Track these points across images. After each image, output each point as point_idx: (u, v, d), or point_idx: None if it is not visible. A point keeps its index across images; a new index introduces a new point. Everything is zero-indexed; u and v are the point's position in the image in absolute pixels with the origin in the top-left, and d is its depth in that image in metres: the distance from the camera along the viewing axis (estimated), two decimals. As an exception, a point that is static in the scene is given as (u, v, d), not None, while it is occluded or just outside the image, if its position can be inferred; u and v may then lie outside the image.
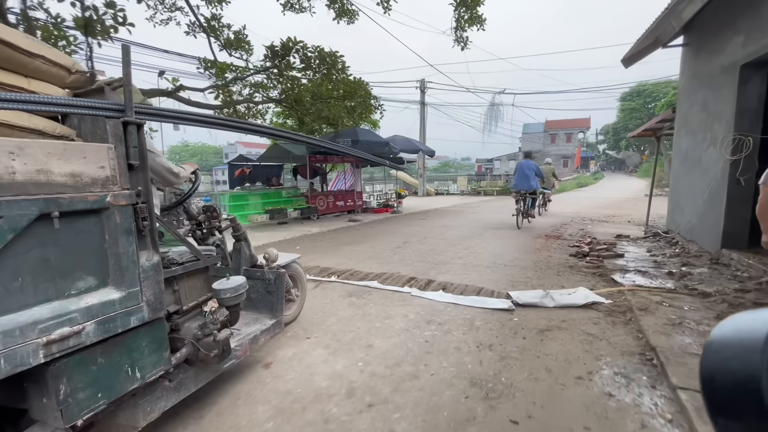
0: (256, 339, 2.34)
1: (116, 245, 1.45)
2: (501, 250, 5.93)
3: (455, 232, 7.76)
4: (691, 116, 5.58)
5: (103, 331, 1.40)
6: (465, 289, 3.97)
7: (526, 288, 4.01)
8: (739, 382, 0.36)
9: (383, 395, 2.17)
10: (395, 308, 3.49)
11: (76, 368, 1.35)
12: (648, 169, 39.28)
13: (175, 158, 52.05)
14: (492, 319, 3.23)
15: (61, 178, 1.30)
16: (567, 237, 7.13)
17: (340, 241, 7.10)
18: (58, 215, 1.27)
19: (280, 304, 2.58)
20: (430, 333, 2.96)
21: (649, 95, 35.71)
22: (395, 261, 5.34)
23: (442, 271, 4.77)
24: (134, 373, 1.55)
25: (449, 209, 13.24)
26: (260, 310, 2.63)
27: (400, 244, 6.56)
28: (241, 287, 2.04)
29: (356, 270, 4.82)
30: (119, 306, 1.45)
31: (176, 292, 1.86)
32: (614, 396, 2.12)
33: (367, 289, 4.07)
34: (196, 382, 1.95)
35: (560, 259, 5.30)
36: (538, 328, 3.01)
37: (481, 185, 21.51)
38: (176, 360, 1.77)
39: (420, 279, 4.35)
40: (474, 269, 4.82)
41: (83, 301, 1.35)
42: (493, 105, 23.73)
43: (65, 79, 1.62)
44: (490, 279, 4.37)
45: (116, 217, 1.44)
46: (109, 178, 1.44)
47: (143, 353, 1.58)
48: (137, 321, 1.52)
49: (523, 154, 9.90)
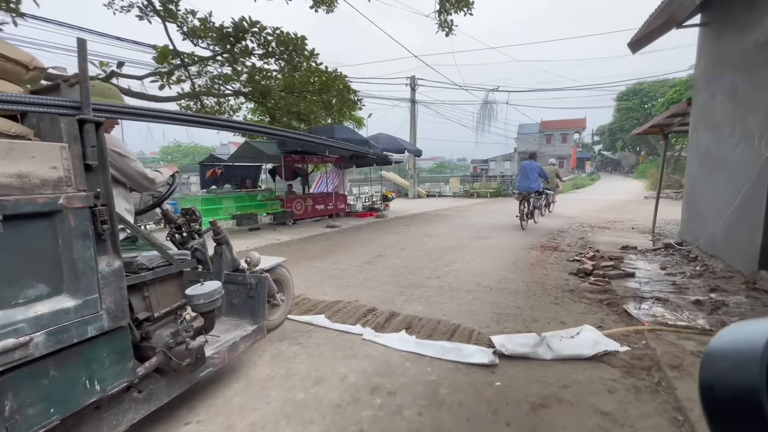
0: (236, 346, 2.26)
1: (71, 250, 1.36)
2: (488, 267, 5.00)
3: (438, 242, 6.82)
4: (713, 107, 4.69)
5: (56, 342, 1.30)
6: (435, 327, 3.03)
7: (516, 324, 3.08)
8: (739, 392, 0.36)
9: None
10: (335, 363, 2.53)
11: (24, 382, 1.24)
12: (644, 170, 38.69)
13: (167, 159, 50.76)
14: (465, 382, 2.28)
15: (5, 179, 1.22)
16: (565, 248, 6.22)
17: (304, 254, 6.14)
18: (2, 219, 1.17)
19: (262, 309, 2.50)
20: (370, 413, 2.01)
21: (646, 94, 35.08)
22: (358, 282, 4.39)
23: (412, 297, 3.83)
24: (93, 386, 1.44)
25: (437, 213, 12.32)
26: (242, 315, 2.55)
27: (372, 258, 5.62)
28: (216, 293, 1.93)
29: (305, 297, 3.87)
30: (74, 315, 1.35)
31: (146, 298, 1.80)
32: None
33: (308, 328, 3.11)
34: (169, 393, 1.86)
35: (558, 279, 4.38)
36: (529, 403, 2.07)
37: (474, 187, 20.60)
38: (145, 370, 1.68)
39: (381, 311, 3.40)
40: (452, 295, 3.88)
41: (32, 311, 1.25)
42: (486, 103, 22.89)
43: (23, 76, 1.55)
44: (469, 311, 3.43)
45: (71, 220, 1.35)
46: (63, 179, 1.35)
47: (103, 364, 1.48)
48: (96, 330, 1.43)
49: (528, 154, 9.64)
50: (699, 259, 4.75)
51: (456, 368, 2.44)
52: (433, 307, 3.52)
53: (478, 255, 5.74)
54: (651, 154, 42.22)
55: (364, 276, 4.65)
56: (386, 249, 6.30)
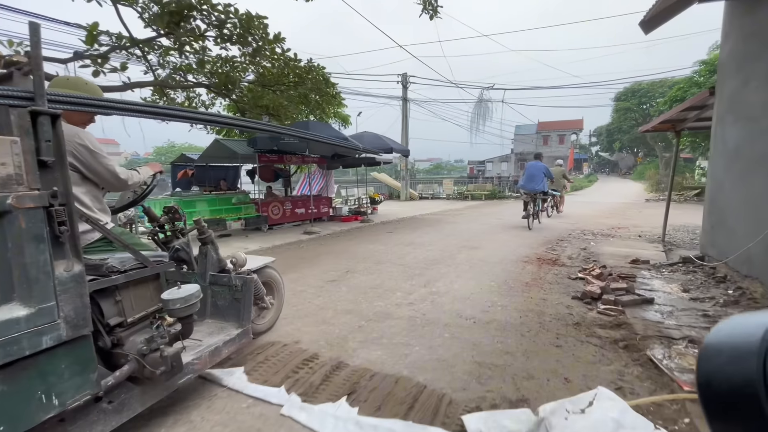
0: (218, 351, 2.13)
1: (22, 254, 1.25)
2: (474, 288, 4.14)
3: (421, 254, 5.96)
4: (747, 95, 3.86)
5: (5, 355, 1.19)
6: (390, 391, 2.16)
7: (503, 384, 2.23)
8: (736, 386, 0.36)
9: None
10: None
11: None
12: (643, 172, 38.03)
13: (161, 159, 49.59)
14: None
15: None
16: (566, 261, 5.37)
17: (263, 268, 5.26)
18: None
19: (248, 312, 2.37)
20: None
21: (645, 95, 34.41)
22: (310, 312, 3.51)
23: (370, 336, 2.96)
24: (50, 401, 1.32)
25: (426, 218, 11.46)
26: (227, 318, 2.43)
27: (339, 276, 4.74)
28: (193, 297, 1.80)
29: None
30: (26, 325, 1.24)
31: (119, 302, 1.71)
32: None
33: (214, 390, 2.24)
34: (143, 402, 1.74)
35: (559, 307, 3.53)
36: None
37: (468, 189, 19.77)
38: (115, 379, 1.57)
39: (322, 361, 2.53)
40: (424, 332, 3.02)
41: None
42: (481, 101, 22.08)
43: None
44: (443, 359, 2.57)
45: (21, 221, 1.25)
46: (13, 177, 1.24)
47: (62, 377, 1.36)
48: (52, 341, 1.31)
49: (533, 155, 9.75)
50: (729, 279, 3.91)
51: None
52: (396, 353, 2.66)
53: (464, 271, 4.88)
54: (649, 156, 41.60)
55: (320, 302, 3.78)
56: (359, 263, 5.43)
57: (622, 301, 3.51)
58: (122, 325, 1.71)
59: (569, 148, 47.89)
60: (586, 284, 4.22)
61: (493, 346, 2.76)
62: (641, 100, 34.78)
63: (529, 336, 2.92)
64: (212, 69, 7.18)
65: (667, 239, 6.94)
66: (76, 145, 1.78)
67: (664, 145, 33.12)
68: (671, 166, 6.65)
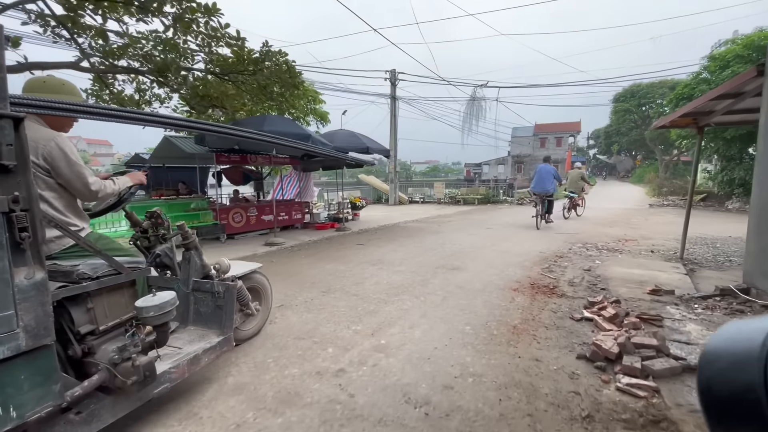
0: (197, 359, 2.08)
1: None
2: (439, 338, 2.97)
3: (386, 277, 4.79)
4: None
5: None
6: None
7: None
8: (737, 391, 0.36)
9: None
10: None
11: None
12: (642, 175, 37.01)
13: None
14: None
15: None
16: (566, 289, 4.22)
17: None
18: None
19: (229, 319, 2.34)
20: None
21: (644, 96, 33.44)
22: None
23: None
24: (7, 413, 1.27)
25: (409, 225, 10.30)
26: (209, 325, 2.39)
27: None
28: (168, 304, 1.75)
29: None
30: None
31: (90, 310, 1.67)
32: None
33: None
34: (114, 413, 1.68)
35: (559, 377, 2.37)
36: None
37: (461, 192, 18.62)
38: (83, 390, 1.52)
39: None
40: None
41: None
42: (473, 99, 20.97)
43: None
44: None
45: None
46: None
47: (21, 388, 1.30)
48: (10, 351, 1.25)
49: (543, 158, 10.14)
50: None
51: None
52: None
53: (434, 305, 3.71)
54: (648, 158, 40.68)
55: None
56: (302, 292, 4.24)
57: (654, 370, 2.35)
58: (94, 333, 1.67)
59: (566, 150, 46.95)
60: (596, 331, 3.06)
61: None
62: (641, 101, 33.82)
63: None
64: (145, 53, 6.02)
65: (686, 255, 5.82)
66: (50, 149, 1.74)
67: (663, 148, 32.18)
68: (693, 169, 5.52)
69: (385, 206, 17.44)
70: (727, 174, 13.77)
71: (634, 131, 36.30)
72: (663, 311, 3.46)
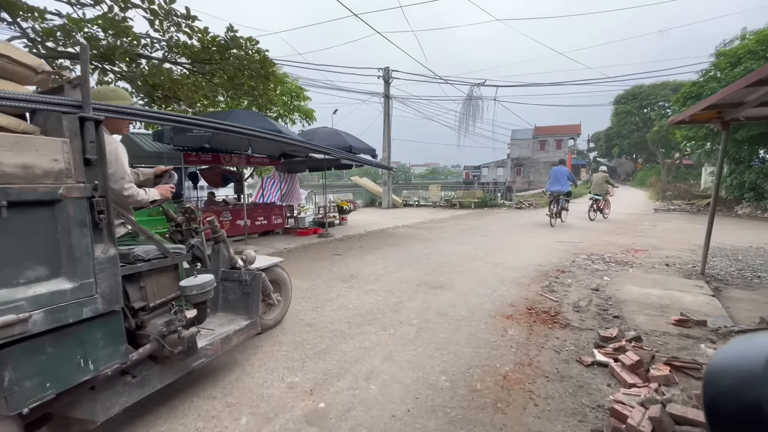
0: (229, 339, 2.34)
1: (69, 237, 1.44)
2: (401, 398, 2.19)
3: (354, 299, 4.00)
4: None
5: (53, 321, 1.38)
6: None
7: None
8: (742, 407, 0.36)
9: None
10: None
11: (22, 356, 1.33)
12: (643, 178, 36.21)
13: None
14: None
15: (10, 169, 1.30)
16: (571, 315, 3.44)
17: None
18: (6, 205, 1.27)
19: (256, 305, 2.60)
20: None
21: (646, 98, 32.75)
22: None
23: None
24: (87, 365, 1.50)
25: (399, 231, 9.52)
26: (237, 311, 2.65)
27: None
28: (208, 285, 2.00)
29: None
30: (71, 296, 1.43)
31: (142, 288, 1.87)
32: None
33: None
34: (161, 380, 1.93)
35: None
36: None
37: (457, 196, 17.84)
38: (138, 356, 1.75)
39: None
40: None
41: (31, 290, 1.34)
42: (470, 98, 20.23)
43: (32, 79, 1.69)
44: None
45: (69, 209, 1.44)
46: (63, 171, 1.44)
47: (97, 345, 1.54)
48: (90, 312, 1.50)
49: (558, 161, 11.44)
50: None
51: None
52: None
53: (404, 343, 2.92)
54: (649, 161, 39.95)
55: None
56: (249, 317, 3.46)
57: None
58: (145, 308, 1.87)
59: (567, 153, 46.23)
60: (614, 385, 2.28)
61: None
62: (642, 103, 33.13)
63: None
64: (89, 36, 5.26)
65: (708, 270, 5.05)
66: (108, 151, 1.80)
67: (665, 151, 31.43)
68: (717, 169, 4.76)
69: (378, 210, 16.66)
70: (736, 177, 13.02)
71: (635, 134, 35.59)
72: (698, 352, 2.68)
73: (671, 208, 15.28)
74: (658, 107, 32.18)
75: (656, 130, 25.59)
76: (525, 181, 45.30)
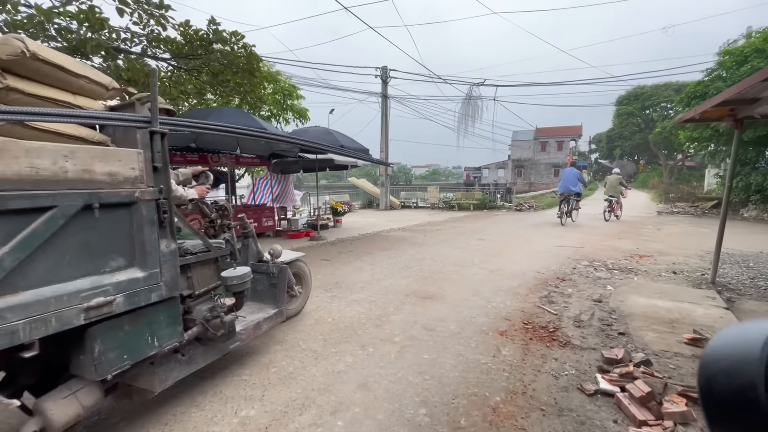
0: (260, 325, 2.57)
1: (142, 233, 1.68)
2: (376, 429, 1.87)
3: (334, 311, 3.67)
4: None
5: (130, 303, 1.63)
6: None
7: None
8: (737, 391, 0.36)
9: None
10: None
11: (107, 332, 1.58)
12: (645, 180, 35.78)
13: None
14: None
15: (101, 176, 1.54)
16: (571, 332, 3.11)
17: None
18: (98, 206, 1.51)
19: (282, 295, 2.84)
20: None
21: (648, 98, 32.36)
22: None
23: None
24: (153, 341, 1.76)
25: (393, 234, 9.19)
26: (264, 301, 2.90)
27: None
28: (247, 276, 2.30)
29: None
30: (143, 283, 1.68)
31: (190, 278, 2.08)
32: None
33: None
34: (205, 359, 2.18)
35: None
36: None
37: (455, 197, 17.50)
38: (188, 336, 1.98)
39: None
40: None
41: (115, 278, 1.58)
42: (470, 98, 19.88)
43: (103, 95, 1.93)
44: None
45: (142, 209, 1.68)
46: (138, 178, 1.68)
47: (161, 325, 1.80)
48: (156, 297, 1.74)
49: (569, 163, 12.59)
50: None
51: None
52: None
53: (383, 365, 2.59)
54: (651, 163, 39.53)
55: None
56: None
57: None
58: (191, 296, 2.09)
59: (568, 154, 45.85)
60: (622, 421, 1.95)
61: None
62: (644, 104, 32.76)
63: None
64: (60, 28, 4.96)
65: (718, 278, 4.71)
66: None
67: (667, 153, 31.03)
68: (730, 169, 4.42)
69: (375, 211, 16.34)
70: (742, 179, 12.65)
71: (637, 135, 35.20)
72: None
73: (675, 211, 14.90)
74: (661, 108, 31.80)
75: (658, 131, 25.19)
76: (526, 183, 44.96)
